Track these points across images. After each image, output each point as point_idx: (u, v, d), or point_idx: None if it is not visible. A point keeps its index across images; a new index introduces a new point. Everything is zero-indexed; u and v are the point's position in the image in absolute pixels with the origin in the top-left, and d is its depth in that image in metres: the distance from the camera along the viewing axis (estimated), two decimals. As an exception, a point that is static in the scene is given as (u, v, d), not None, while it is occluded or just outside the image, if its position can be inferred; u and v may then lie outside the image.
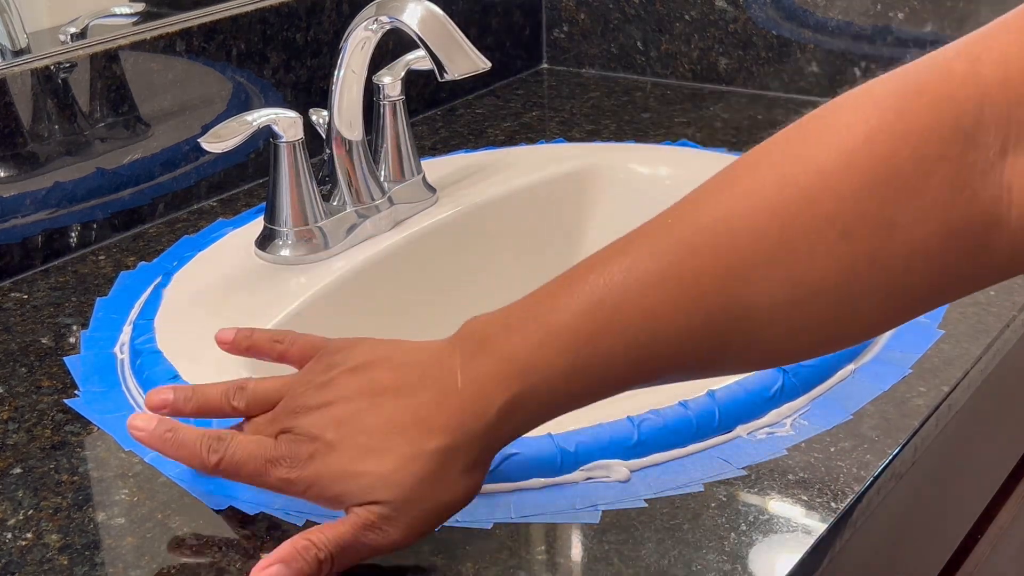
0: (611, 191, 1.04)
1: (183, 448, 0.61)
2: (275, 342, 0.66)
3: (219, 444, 0.59)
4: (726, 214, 0.53)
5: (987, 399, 0.82)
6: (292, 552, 0.56)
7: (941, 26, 1.16)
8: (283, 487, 0.58)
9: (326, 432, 0.57)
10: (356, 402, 0.58)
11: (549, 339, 0.55)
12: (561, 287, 0.57)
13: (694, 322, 0.54)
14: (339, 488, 0.57)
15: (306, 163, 0.87)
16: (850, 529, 0.64)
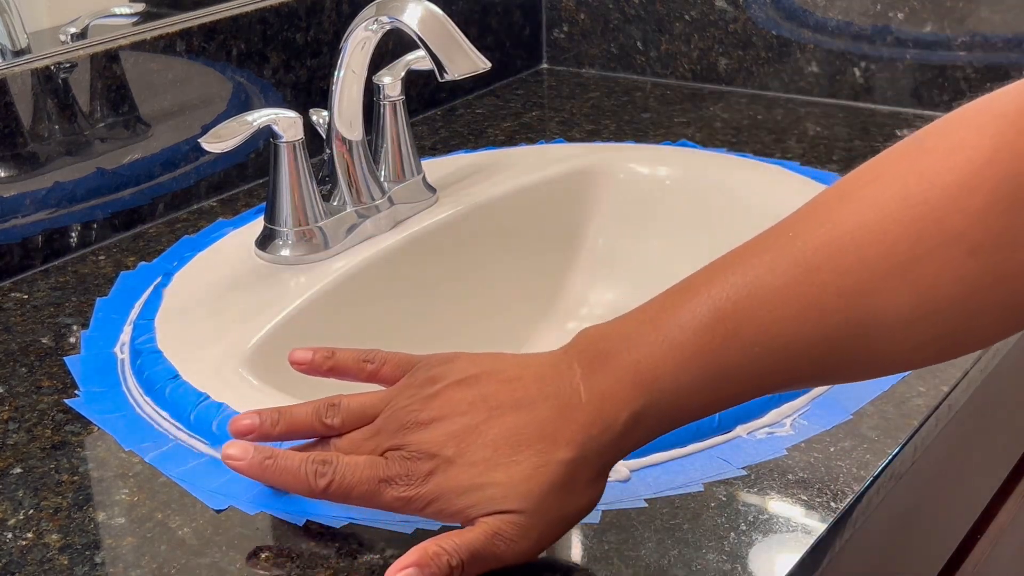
0: (611, 191, 1.04)
1: (286, 474, 0.59)
2: (364, 362, 0.64)
3: (326, 468, 0.58)
4: (851, 228, 0.53)
5: (987, 399, 0.82)
6: (424, 557, 0.55)
7: (941, 26, 1.16)
8: (399, 506, 0.58)
9: (444, 448, 0.57)
10: (472, 416, 0.57)
11: (673, 354, 0.55)
12: (680, 299, 0.56)
13: (816, 337, 0.54)
14: (465, 501, 0.56)
15: (306, 163, 0.87)
16: (850, 529, 0.64)
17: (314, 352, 0.65)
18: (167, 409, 0.72)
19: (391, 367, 0.63)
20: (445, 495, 0.56)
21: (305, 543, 0.62)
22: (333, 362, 0.65)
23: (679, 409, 0.56)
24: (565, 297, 1.03)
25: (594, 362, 0.57)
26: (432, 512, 0.57)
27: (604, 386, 0.56)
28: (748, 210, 0.99)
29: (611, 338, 0.57)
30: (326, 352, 0.65)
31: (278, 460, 0.60)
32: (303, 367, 0.66)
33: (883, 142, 1.11)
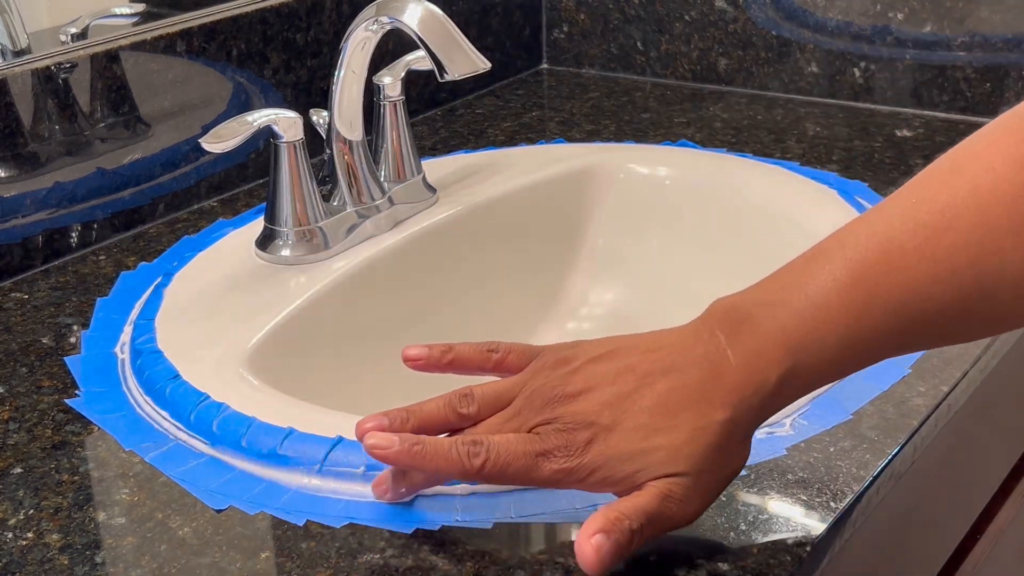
0: (611, 191, 1.04)
1: (437, 458, 0.58)
2: (488, 351, 0.64)
3: (478, 447, 0.57)
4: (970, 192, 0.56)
5: (987, 399, 0.82)
6: (608, 523, 0.55)
7: (941, 26, 1.16)
8: (559, 478, 0.57)
9: (601, 417, 0.57)
10: (621, 385, 0.57)
11: (819, 315, 0.57)
12: (815, 265, 0.58)
13: (948, 296, 0.56)
14: (631, 467, 0.56)
15: (306, 163, 0.87)
16: (849, 529, 0.64)
17: (429, 348, 0.64)
18: (167, 409, 0.72)
19: (515, 356, 0.63)
20: (609, 462, 0.56)
21: (305, 543, 0.62)
22: (454, 355, 0.64)
23: (824, 370, 0.58)
24: (565, 297, 1.03)
25: (737, 328, 0.57)
26: (595, 481, 0.57)
27: (752, 349, 0.57)
28: (748, 210, 0.99)
29: (750, 305, 0.58)
30: (443, 347, 0.64)
31: (427, 445, 0.58)
32: (418, 363, 0.65)
33: (883, 142, 1.11)
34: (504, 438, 0.58)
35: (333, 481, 0.66)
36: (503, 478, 0.58)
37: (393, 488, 0.63)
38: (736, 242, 0.98)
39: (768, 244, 0.93)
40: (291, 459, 0.66)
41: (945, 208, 0.56)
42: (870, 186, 1.00)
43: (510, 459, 0.57)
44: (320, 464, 0.66)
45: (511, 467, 0.57)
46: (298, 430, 0.68)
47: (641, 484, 0.56)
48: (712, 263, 0.99)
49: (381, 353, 0.89)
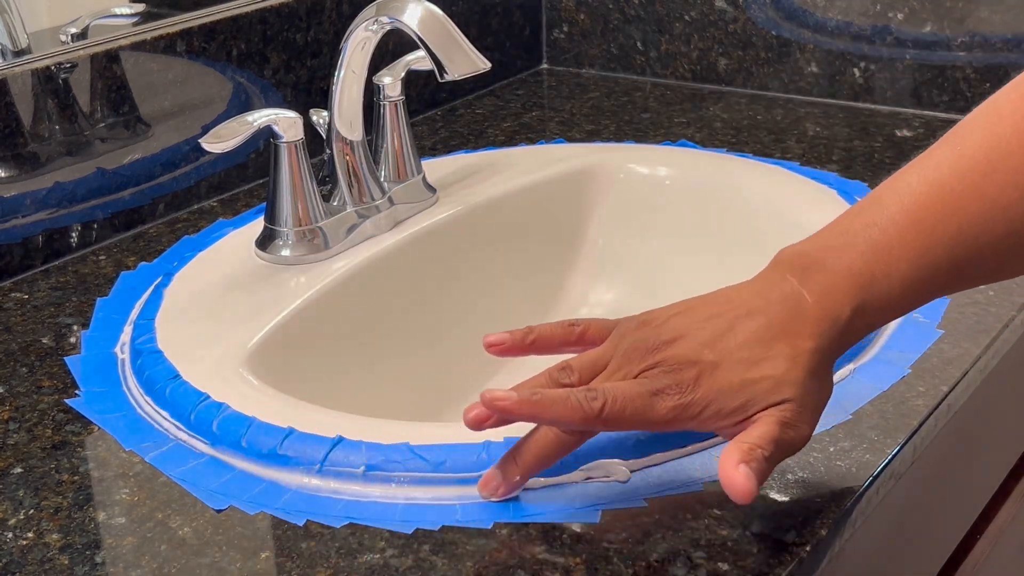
0: (611, 191, 1.04)
1: (557, 404, 0.59)
2: (570, 326, 0.65)
3: (595, 392, 0.58)
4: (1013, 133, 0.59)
5: (986, 399, 0.82)
6: (744, 454, 0.57)
7: (940, 26, 1.16)
8: (675, 415, 0.59)
9: (702, 354, 0.59)
10: (712, 327, 0.60)
11: (882, 257, 0.60)
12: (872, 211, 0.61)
13: (1000, 232, 0.60)
14: (743, 397, 0.58)
15: (306, 163, 0.87)
16: (849, 529, 0.64)
17: (511, 333, 0.66)
18: (167, 409, 0.72)
19: (596, 329, 0.65)
20: (720, 395, 0.58)
21: (305, 543, 0.62)
22: (535, 335, 0.66)
23: (891, 305, 0.61)
24: (565, 297, 1.03)
25: (807, 271, 0.61)
26: (709, 415, 0.59)
27: (824, 289, 0.60)
28: (748, 210, 0.99)
29: (815, 251, 0.62)
30: (524, 330, 0.66)
31: (545, 394, 0.59)
32: (500, 348, 0.66)
33: (883, 142, 1.11)
34: (617, 383, 0.59)
35: (333, 481, 0.66)
36: (621, 421, 0.59)
37: (506, 478, 0.63)
38: (736, 242, 0.98)
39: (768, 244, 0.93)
40: (291, 459, 0.66)
41: (991, 151, 0.59)
42: (870, 186, 1.00)
43: (626, 401, 0.58)
44: (320, 464, 0.66)
45: (628, 408, 0.58)
46: (298, 430, 0.68)
47: (752, 415, 0.59)
48: (712, 263, 0.99)
49: (381, 353, 0.89)
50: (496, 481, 0.63)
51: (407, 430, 0.67)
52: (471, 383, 0.95)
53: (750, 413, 0.59)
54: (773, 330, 0.60)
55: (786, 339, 0.59)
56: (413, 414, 0.82)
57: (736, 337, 0.60)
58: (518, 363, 0.97)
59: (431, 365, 0.93)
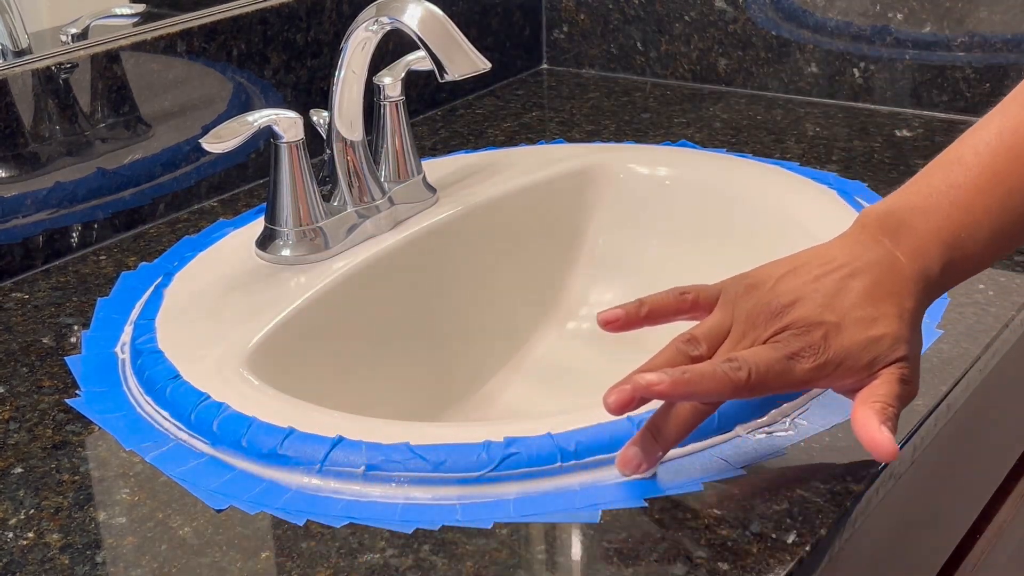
0: (611, 191, 1.04)
1: (706, 379, 0.61)
2: (682, 295, 0.67)
3: (737, 362, 0.61)
4: None
5: (986, 399, 0.82)
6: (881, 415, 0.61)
7: (940, 26, 1.16)
8: (812, 376, 0.62)
9: (824, 316, 0.62)
10: (823, 289, 0.63)
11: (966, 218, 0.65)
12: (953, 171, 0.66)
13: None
14: (870, 355, 0.62)
15: (306, 163, 0.87)
16: (849, 529, 0.64)
17: (623, 307, 0.67)
18: (168, 409, 0.72)
19: (705, 296, 0.67)
20: (851, 354, 0.62)
21: (305, 543, 0.62)
22: (648, 307, 0.67)
23: (976, 260, 0.66)
24: (565, 297, 1.03)
25: (897, 233, 0.65)
26: (842, 372, 0.62)
27: (915, 249, 0.65)
28: (748, 210, 0.99)
29: (902, 212, 0.66)
30: (636, 303, 0.67)
31: (693, 370, 0.61)
32: (616, 324, 0.67)
33: (882, 142, 1.11)
34: (753, 351, 0.62)
35: (333, 481, 0.66)
36: (764, 387, 0.61)
37: (648, 455, 0.64)
38: (736, 242, 0.98)
39: (768, 244, 0.93)
40: (291, 459, 0.67)
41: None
42: (869, 186, 1.00)
43: (768, 367, 0.61)
44: (320, 464, 0.66)
45: (771, 374, 0.61)
46: (298, 430, 0.68)
47: (877, 371, 0.63)
48: (712, 263, 0.99)
49: (381, 353, 0.89)
50: (638, 459, 0.64)
51: (407, 430, 0.67)
52: (471, 383, 0.95)
53: (875, 370, 0.63)
54: (880, 289, 0.63)
55: (892, 298, 0.63)
56: (413, 414, 0.82)
57: (849, 297, 0.63)
58: (518, 363, 0.97)
59: (431, 365, 0.93)
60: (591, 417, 0.67)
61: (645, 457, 0.64)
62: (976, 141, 0.65)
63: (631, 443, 0.65)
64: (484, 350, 0.97)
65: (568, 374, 0.97)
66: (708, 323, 0.65)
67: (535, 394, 0.95)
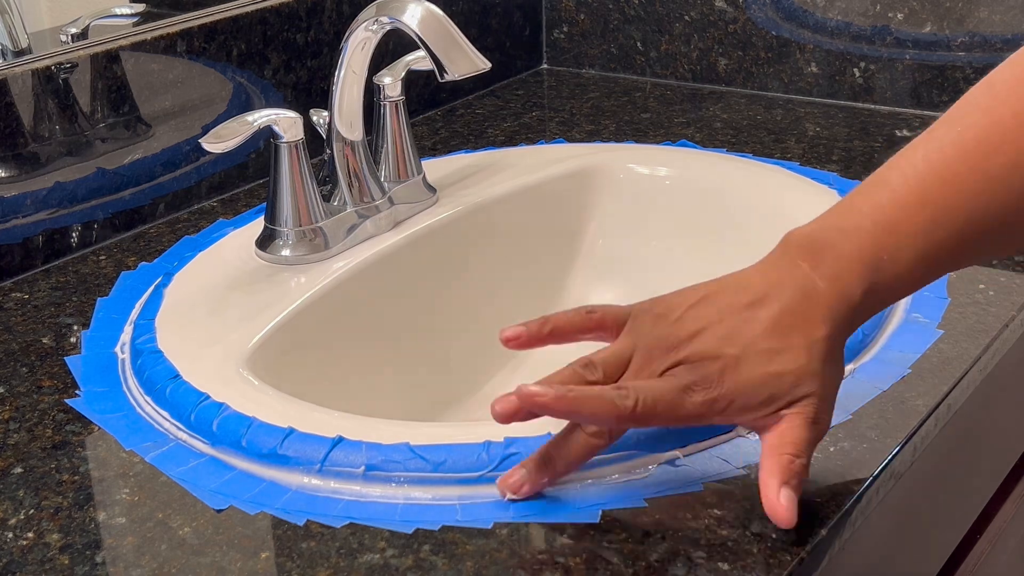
0: (611, 191, 1.04)
1: (592, 400, 0.60)
2: (588, 313, 0.66)
3: (626, 391, 0.60)
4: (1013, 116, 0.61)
5: (986, 399, 0.82)
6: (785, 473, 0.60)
7: (940, 26, 1.16)
8: (703, 411, 0.60)
9: (723, 349, 0.60)
10: (728, 321, 0.61)
11: (890, 239, 0.62)
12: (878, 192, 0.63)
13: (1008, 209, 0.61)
14: (766, 392, 0.60)
15: (306, 163, 0.87)
16: (849, 529, 0.64)
17: (526, 325, 0.66)
18: (167, 409, 0.72)
19: (612, 317, 0.65)
20: (745, 390, 0.60)
21: (305, 543, 0.62)
22: (552, 325, 0.66)
23: (900, 283, 0.63)
24: (565, 297, 1.03)
25: (817, 256, 0.62)
26: (735, 410, 0.60)
27: (835, 272, 0.62)
28: (748, 210, 0.99)
29: (825, 233, 0.63)
30: (539, 320, 0.66)
31: (579, 390, 0.60)
32: (519, 341, 0.66)
33: (882, 142, 1.11)
34: (646, 382, 0.61)
35: (333, 481, 0.66)
36: (653, 417, 0.60)
37: (532, 479, 0.63)
38: (736, 242, 0.98)
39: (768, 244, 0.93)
40: (291, 459, 0.67)
41: (991, 134, 0.61)
42: (870, 186, 1.00)
43: (657, 398, 0.60)
44: (320, 464, 0.66)
45: (659, 405, 0.60)
46: (298, 430, 0.68)
47: (779, 411, 0.61)
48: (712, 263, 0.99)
49: (381, 353, 0.89)
50: (522, 481, 0.63)
51: (407, 430, 0.67)
52: (471, 383, 0.95)
53: (774, 408, 0.61)
54: (788, 318, 0.61)
55: (801, 328, 0.61)
56: (413, 414, 0.82)
57: (754, 328, 0.61)
58: (518, 363, 0.97)
59: (431, 365, 0.93)
60: (591, 417, 0.67)
61: (530, 480, 0.63)
62: (903, 164, 0.63)
63: (518, 466, 0.64)
64: (484, 350, 0.97)
65: (568, 374, 0.97)
66: (610, 349, 0.63)
67: (535, 394, 0.95)
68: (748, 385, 0.60)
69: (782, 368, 0.60)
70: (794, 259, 0.63)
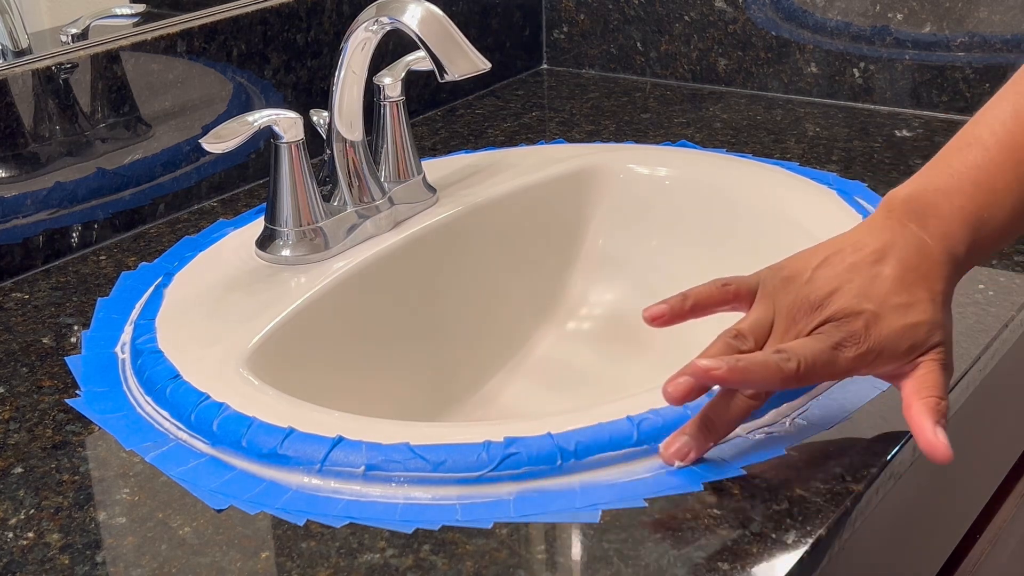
0: (611, 191, 1.04)
1: (760, 367, 0.63)
2: (724, 287, 0.69)
3: (786, 353, 0.63)
4: None
5: (986, 399, 0.82)
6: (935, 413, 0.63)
7: (940, 26, 1.16)
8: (855, 365, 0.65)
9: (862, 305, 0.64)
10: (858, 279, 0.65)
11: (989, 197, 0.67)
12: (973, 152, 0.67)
13: None
14: (907, 342, 0.65)
15: (307, 163, 0.87)
16: (849, 529, 0.64)
17: (667, 303, 0.69)
18: (168, 409, 0.72)
19: (745, 287, 0.69)
20: (891, 342, 0.64)
21: (305, 543, 0.62)
22: (693, 300, 0.69)
23: (999, 238, 0.68)
24: (565, 297, 1.03)
25: (922, 217, 0.67)
26: (884, 360, 0.65)
27: (942, 231, 0.66)
28: (747, 210, 0.99)
29: (925, 195, 0.67)
30: (679, 296, 0.69)
31: (747, 359, 0.63)
32: (663, 319, 0.69)
33: (882, 142, 1.11)
34: (801, 343, 0.64)
35: (333, 481, 0.66)
36: (813, 377, 0.64)
37: (699, 444, 0.66)
38: (736, 242, 0.98)
39: (768, 244, 0.93)
40: (291, 459, 0.67)
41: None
42: (869, 186, 1.00)
43: (815, 357, 0.63)
44: (320, 464, 0.66)
45: (817, 364, 0.63)
46: (298, 430, 0.68)
47: (916, 359, 0.65)
48: (712, 263, 0.99)
49: (381, 353, 0.89)
50: (688, 447, 0.66)
51: (407, 430, 0.67)
52: (471, 383, 0.95)
53: (913, 356, 0.65)
54: (910, 274, 0.65)
55: (924, 283, 0.65)
56: (413, 414, 0.82)
57: (883, 285, 0.65)
58: (517, 363, 0.97)
59: (431, 365, 0.93)
60: (591, 417, 0.67)
61: (695, 447, 0.66)
62: (991, 120, 0.67)
63: (680, 432, 0.66)
64: (484, 350, 0.97)
65: (568, 374, 0.97)
66: (751, 317, 0.67)
67: (535, 394, 0.95)
68: (891, 338, 0.64)
69: (917, 319, 0.64)
70: (901, 220, 0.67)
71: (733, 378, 0.63)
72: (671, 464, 0.66)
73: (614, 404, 0.69)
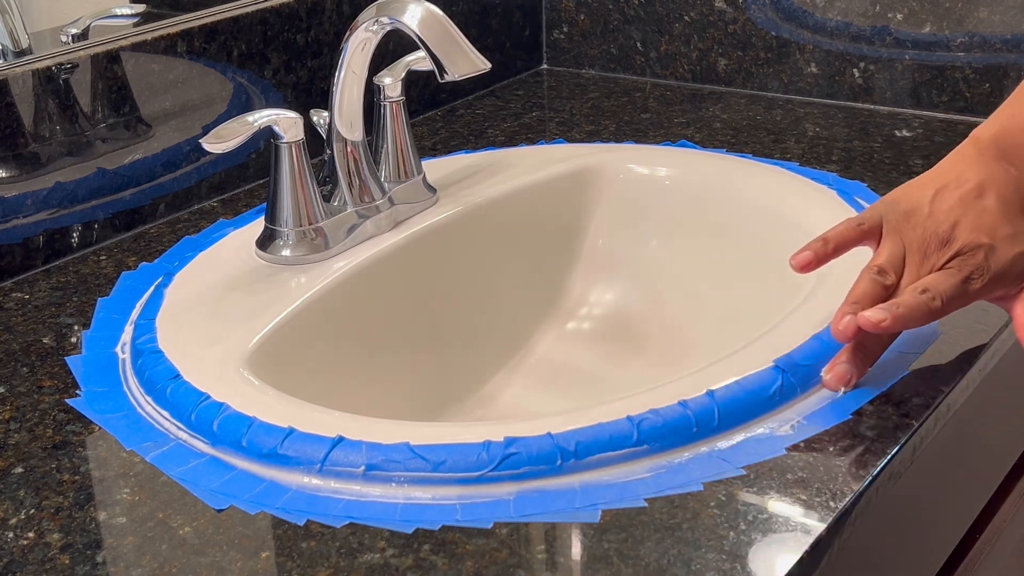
0: (611, 191, 1.04)
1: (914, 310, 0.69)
2: (859, 226, 0.75)
3: (930, 292, 0.70)
4: None
5: (986, 399, 0.82)
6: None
7: (940, 27, 1.16)
8: (980, 294, 0.72)
9: (980, 238, 0.71)
10: (970, 213, 0.72)
11: None
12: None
13: None
14: (1019, 269, 0.72)
15: (307, 163, 0.87)
16: (849, 528, 0.64)
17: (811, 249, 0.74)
18: (168, 409, 0.73)
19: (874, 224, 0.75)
20: (1007, 271, 0.72)
21: (305, 543, 0.62)
22: (835, 242, 0.75)
23: None
24: (565, 297, 1.03)
25: (1010, 157, 0.74)
26: (999, 286, 0.72)
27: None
28: (747, 210, 0.99)
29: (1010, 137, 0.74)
30: (820, 240, 0.75)
31: (904, 304, 0.70)
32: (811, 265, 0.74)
33: (882, 142, 1.11)
34: (936, 280, 0.71)
35: (333, 481, 0.66)
36: (949, 310, 0.71)
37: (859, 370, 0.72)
38: (736, 242, 0.98)
39: (768, 244, 0.93)
40: (291, 459, 0.67)
41: None
42: (869, 186, 1.00)
43: (953, 292, 0.70)
44: (320, 464, 0.66)
45: (954, 298, 0.70)
46: (298, 430, 0.68)
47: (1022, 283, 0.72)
48: (712, 263, 0.99)
49: (382, 353, 0.89)
50: (849, 374, 0.71)
51: (407, 430, 0.67)
52: (471, 383, 0.95)
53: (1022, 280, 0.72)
54: (1011, 207, 0.72)
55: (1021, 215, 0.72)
56: (413, 414, 0.82)
57: (991, 218, 0.72)
58: (517, 362, 0.98)
59: (431, 365, 0.93)
60: (591, 417, 0.67)
61: (855, 372, 0.71)
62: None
63: (840, 361, 0.72)
64: (484, 350, 0.97)
65: (568, 374, 0.97)
66: (885, 253, 0.73)
67: (535, 394, 0.95)
68: (1007, 266, 0.71)
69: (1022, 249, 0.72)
70: (991, 159, 0.73)
71: (896, 326, 0.69)
72: (836, 390, 0.71)
73: (614, 404, 0.69)
